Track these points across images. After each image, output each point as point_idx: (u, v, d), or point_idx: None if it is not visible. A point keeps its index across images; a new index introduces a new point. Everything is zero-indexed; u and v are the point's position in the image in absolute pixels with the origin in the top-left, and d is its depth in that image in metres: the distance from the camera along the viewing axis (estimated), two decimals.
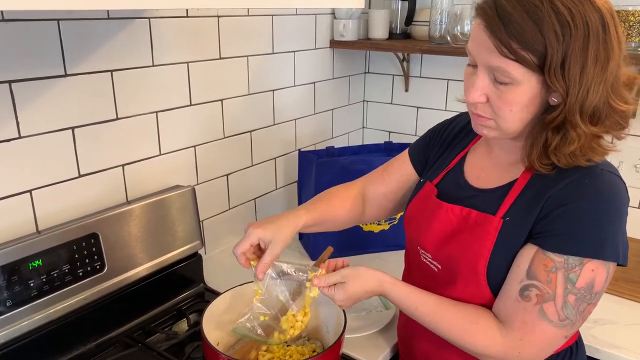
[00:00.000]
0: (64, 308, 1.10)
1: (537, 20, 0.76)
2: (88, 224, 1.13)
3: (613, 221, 0.83)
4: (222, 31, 1.45)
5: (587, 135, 0.81)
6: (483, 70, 0.84)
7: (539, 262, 0.85)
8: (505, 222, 0.90)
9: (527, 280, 0.86)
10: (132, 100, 1.27)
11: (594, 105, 0.80)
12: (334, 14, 1.87)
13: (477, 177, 1.00)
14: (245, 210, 1.69)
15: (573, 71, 0.77)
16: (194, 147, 1.46)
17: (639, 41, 1.41)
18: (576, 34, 0.77)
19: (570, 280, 0.83)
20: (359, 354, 1.15)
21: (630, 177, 1.67)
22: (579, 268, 0.82)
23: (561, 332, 0.86)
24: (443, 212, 0.98)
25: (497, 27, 0.79)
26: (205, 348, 0.97)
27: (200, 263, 1.41)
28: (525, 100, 0.82)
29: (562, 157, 0.84)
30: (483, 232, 0.91)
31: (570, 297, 0.83)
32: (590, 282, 0.83)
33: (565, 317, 0.84)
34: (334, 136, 2.04)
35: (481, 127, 0.90)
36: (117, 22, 1.20)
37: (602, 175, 0.85)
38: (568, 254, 0.83)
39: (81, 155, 1.19)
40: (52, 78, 1.11)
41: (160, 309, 1.31)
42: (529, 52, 0.78)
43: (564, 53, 0.77)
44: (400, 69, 2.03)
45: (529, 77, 0.80)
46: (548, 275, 0.84)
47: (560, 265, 0.83)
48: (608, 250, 0.83)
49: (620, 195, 0.85)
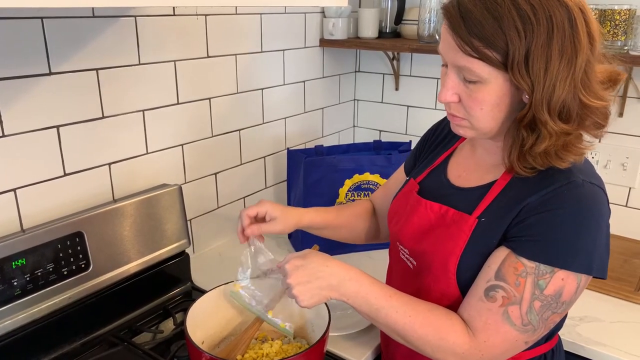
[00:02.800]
0: (49, 307, 1.09)
1: (498, 17, 0.76)
2: (73, 222, 1.12)
3: (590, 233, 0.82)
4: (210, 30, 1.45)
5: (558, 133, 0.80)
6: (452, 70, 0.85)
7: (510, 264, 0.84)
8: (480, 222, 0.89)
9: (494, 281, 0.85)
10: (118, 99, 1.27)
11: (562, 101, 0.78)
12: (323, 12, 1.87)
13: (458, 176, 1.00)
14: (234, 209, 1.69)
15: (537, 67, 0.76)
16: (182, 146, 1.46)
17: (624, 40, 1.42)
18: (538, 30, 0.75)
19: (539, 286, 0.82)
20: (344, 353, 1.15)
21: (617, 176, 1.68)
22: (549, 276, 0.82)
23: (522, 337, 0.85)
24: (422, 209, 0.99)
25: (459, 25, 0.79)
26: (189, 346, 0.96)
27: (187, 262, 1.41)
28: (494, 98, 0.82)
29: (537, 157, 0.82)
30: (457, 230, 0.91)
31: (536, 303, 0.82)
32: (559, 291, 0.82)
33: (528, 322, 0.83)
34: (324, 135, 2.04)
35: (457, 127, 0.90)
36: (102, 20, 1.20)
37: (582, 186, 0.83)
38: (540, 261, 0.82)
39: (66, 154, 1.19)
40: (36, 76, 1.10)
41: (147, 307, 1.30)
42: (491, 50, 0.77)
43: (527, 49, 0.76)
44: (391, 68, 2.03)
45: (495, 75, 0.79)
46: (517, 279, 0.83)
47: (531, 271, 0.82)
48: (580, 262, 0.82)
49: (600, 208, 0.83)
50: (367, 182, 1.57)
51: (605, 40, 1.44)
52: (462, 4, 0.79)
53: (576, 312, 1.26)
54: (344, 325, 1.23)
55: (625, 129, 1.64)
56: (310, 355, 0.97)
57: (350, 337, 1.20)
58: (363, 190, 1.58)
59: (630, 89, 1.60)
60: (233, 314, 1.13)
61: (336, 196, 1.56)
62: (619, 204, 1.70)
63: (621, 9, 1.40)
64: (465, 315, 0.88)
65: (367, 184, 1.57)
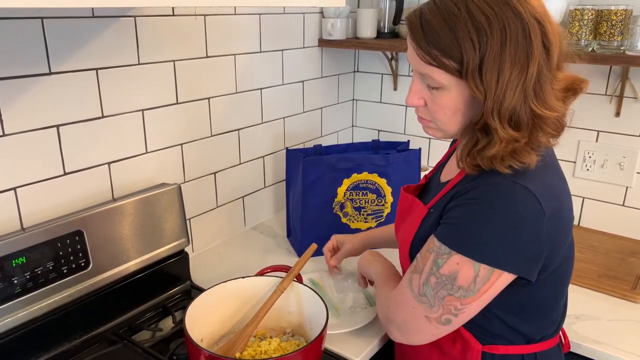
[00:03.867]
0: (48, 305, 1.10)
1: (453, 28, 0.80)
2: (73, 221, 1.13)
3: (495, 227, 0.84)
4: (209, 30, 1.46)
5: (507, 140, 0.83)
6: (417, 76, 0.90)
7: (430, 241, 0.92)
8: (430, 213, 0.98)
9: (418, 255, 0.94)
10: (118, 99, 1.28)
11: (511, 108, 0.81)
12: (322, 13, 1.87)
13: (444, 174, 1.07)
14: (233, 209, 1.70)
15: (489, 75, 0.80)
16: (181, 145, 1.47)
17: (620, 40, 1.42)
18: (492, 40, 0.79)
19: (437, 264, 0.88)
20: (342, 350, 1.16)
21: (614, 175, 1.68)
22: (446, 257, 0.87)
23: (420, 308, 0.91)
24: (408, 203, 1.08)
25: (419, 35, 0.84)
26: (188, 344, 0.97)
27: (186, 261, 1.42)
28: (456, 104, 0.87)
29: (484, 159, 0.86)
30: (414, 218, 1.01)
31: (432, 279, 0.89)
32: (453, 274, 0.87)
33: (424, 293, 0.90)
34: (323, 134, 2.05)
35: (426, 128, 0.96)
36: (102, 20, 1.20)
37: (504, 185, 0.85)
38: (442, 242, 0.88)
39: (66, 153, 1.20)
40: (36, 76, 1.11)
41: (146, 306, 1.31)
42: (448, 59, 0.82)
43: (481, 58, 0.80)
44: (389, 68, 2.04)
45: (455, 82, 0.84)
46: (426, 253, 0.91)
47: (435, 249, 0.89)
48: (479, 252, 0.85)
49: (517, 207, 0.84)
50: (365, 182, 1.58)
51: (601, 40, 1.45)
52: (423, 15, 0.84)
53: (573, 311, 1.27)
54: (342, 323, 1.23)
55: (621, 129, 1.65)
56: (307, 352, 0.97)
57: (348, 334, 1.20)
58: (361, 189, 1.59)
59: (627, 89, 1.60)
60: (232, 311, 1.14)
61: (334, 195, 1.57)
62: (616, 203, 1.71)
63: (617, 10, 1.41)
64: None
65: (366, 183, 1.58)
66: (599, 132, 1.68)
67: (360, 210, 1.60)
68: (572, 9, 1.46)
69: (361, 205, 1.60)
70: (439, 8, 0.83)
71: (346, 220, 1.60)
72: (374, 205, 1.61)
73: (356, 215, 1.61)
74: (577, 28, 1.45)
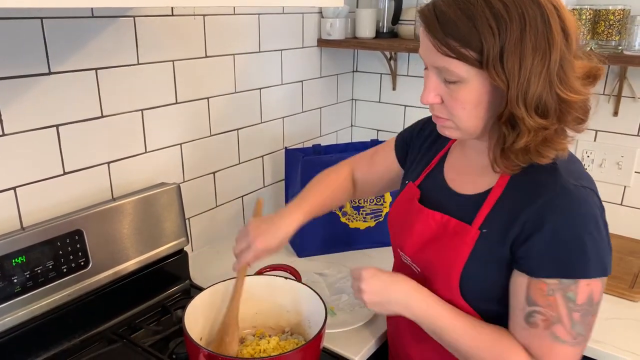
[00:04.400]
0: (48, 304, 1.10)
1: (471, 16, 0.77)
2: (72, 220, 1.13)
3: (592, 236, 0.82)
4: (208, 30, 1.46)
5: (535, 129, 0.80)
6: (433, 72, 0.86)
7: (534, 287, 0.84)
8: (482, 234, 0.89)
9: (528, 307, 0.85)
10: (117, 98, 1.28)
11: (537, 95, 0.79)
12: (321, 13, 1.88)
13: (452, 179, 1.00)
14: (232, 208, 1.70)
15: (511, 63, 0.77)
16: (180, 145, 1.47)
17: (619, 39, 1.43)
18: (511, 27, 0.77)
19: (570, 298, 0.82)
20: (341, 349, 1.16)
21: (612, 175, 1.69)
22: (574, 287, 0.82)
23: (578, 349, 0.85)
24: (424, 218, 0.99)
25: (434, 27, 0.80)
26: (187, 343, 0.97)
27: (186, 260, 1.42)
28: (476, 97, 0.83)
29: (519, 153, 0.83)
30: (460, 241, 0.91)
31: (575, 315, 0.83)
32: (590, 296, 0.83)
33: (577, 334, 0.84)
34: (322, 134, 2.05)
35: (442, 128, 0.91)
36: (101, 20, 1.21)
37: (574, 191, 0.83)
38: (559, 277, 0.82)
39: (66, 152, 1.20)
40: (36, 76, 1.11)
41: (146, 305, 1.32)
42: (467, 49, 0.78)
43: (501, 46, 0.77)
44: (388, 68, 2.04)
45: (474, 73, 0.81)
46: (547, 299, 0.83)
47: (555, 287, 0.82)
48: (595, 266, 0.82)
49: (594, 210, 0.84)
50: None
51: (599, 40, 1.46)
52: (437, 6, 0.81)
53: None
54: (341, 322, 1.24)
55: (620, 128, 1.65)
56: (306, 351, 0.98)
57: (347, 333, 1.21)
58: None
59: (625, 89, 1.61)
60: None
61: None
62: (614, 202, 1.71)
63: (615, 9, 1.42)
64: (522, 345, 0.88)
65: None
66: (597, 132, 1.69)
67: (359, 209, 1.61)
68: (570, 9, 1.46)
69: (360, 205, 1.60)
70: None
71: (345, 219, 1.61)
72: (373, 204, 1.61)
73: (355, 215, 1.61)
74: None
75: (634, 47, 1.39)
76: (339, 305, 1.30)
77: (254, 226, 1.07)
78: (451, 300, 0.93)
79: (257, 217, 1.12)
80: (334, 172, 1.25)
